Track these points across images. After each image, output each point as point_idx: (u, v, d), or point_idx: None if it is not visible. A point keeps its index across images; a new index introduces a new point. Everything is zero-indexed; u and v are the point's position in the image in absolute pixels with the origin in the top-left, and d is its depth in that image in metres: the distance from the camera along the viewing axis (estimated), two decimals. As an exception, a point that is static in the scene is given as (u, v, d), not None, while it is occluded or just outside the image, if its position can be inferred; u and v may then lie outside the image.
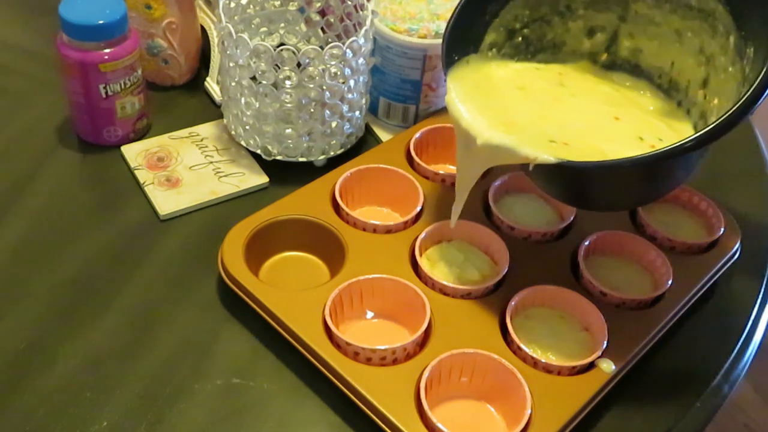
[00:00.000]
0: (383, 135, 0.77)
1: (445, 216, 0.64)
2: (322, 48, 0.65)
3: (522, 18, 0.66)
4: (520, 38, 0.67)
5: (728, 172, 0.80)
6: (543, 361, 0.55)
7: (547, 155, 0.54)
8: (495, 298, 0.60)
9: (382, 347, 0.55)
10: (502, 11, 0.65)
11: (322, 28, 0.77)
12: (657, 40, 0.65)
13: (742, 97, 0.51)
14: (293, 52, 0.64)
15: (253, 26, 0.77)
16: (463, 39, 0.64)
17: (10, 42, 0.87)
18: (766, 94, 0.51)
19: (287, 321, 0.56)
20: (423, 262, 0.61)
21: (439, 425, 0.50)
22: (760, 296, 0.67)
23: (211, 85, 0.80)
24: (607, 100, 0.65)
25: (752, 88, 0.51)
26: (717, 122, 0.50)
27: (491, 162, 0.59)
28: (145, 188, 0.69)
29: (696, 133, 0.51)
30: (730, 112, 0.50)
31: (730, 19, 0.58)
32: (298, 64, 0.65)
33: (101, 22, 0.67)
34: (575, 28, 0.67)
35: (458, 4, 0.64)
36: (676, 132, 0.62)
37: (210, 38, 0.82)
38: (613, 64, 0.68)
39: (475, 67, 0.65)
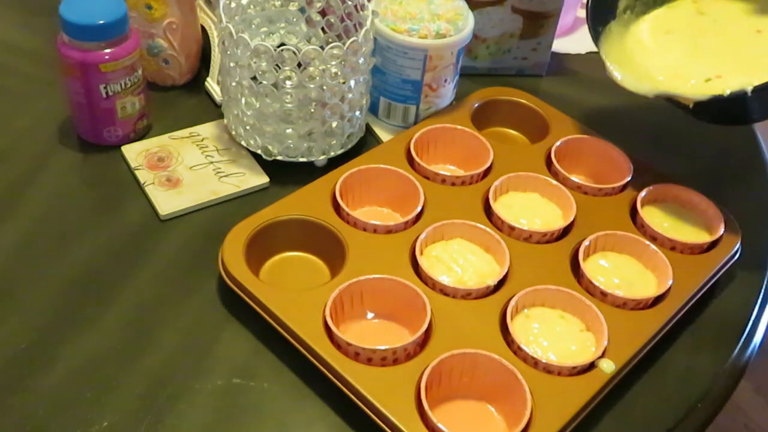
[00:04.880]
0: (383, 135, 0.77)
1: (445, 216, 0.65)
2: (322, 48, 0.65)
3: None
4: None
5: (728, 172, 0.80)
6: (543, 361, 0.55)
7: (702, 94, 0.64)
8: (495, 298, 0.60)
9: (383, 347, 0.55)
10: None
11: (322, 28, 0.77)
12: None
13: None
14: (294, 52, 0.64)
15: (253, 26, 0.77)
16: (602, 11, 0.73)
17: (10, 42, 0.87)
18: None
19: (287, 321, 0.56)
20: (423, 262, 0.61)
21: (440, 425, 0.50)
22: (760, 296, 0.67)
23: (212, 85, 0.80)
24: (746, 14, 0.71)
25: None
26: None
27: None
28: (146, 188, 0.69)
29: None
30: None
31: None
32: (299, 64, 0.65)
33: (101, 22, 0.67)
34: None
35: None
36: None
37: (210, 38, 0.82)
38: None
39: (618, 33, 0.72)
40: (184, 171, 0.71)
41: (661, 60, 0.71)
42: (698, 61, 0.69)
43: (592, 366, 0.56)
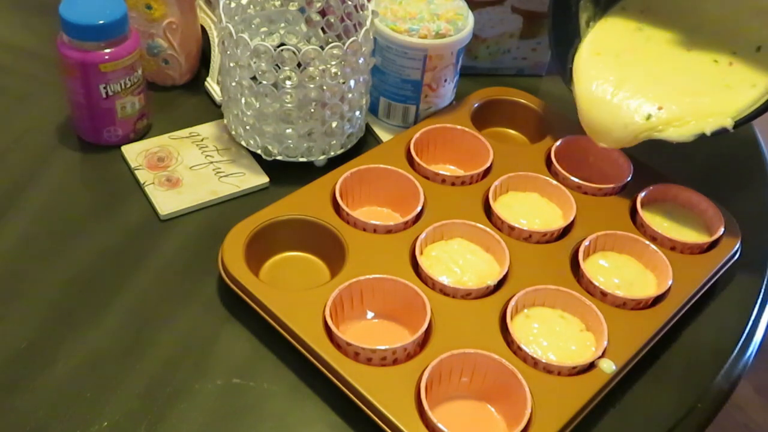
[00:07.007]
0: (383, 135, 0.77)
1: (445, 216, 0.64)
2: (322, 48, 0.65)
3: None
4: None
5: (728, 172, 0.80)
6: (543, 361, 0.55)
7: (687, 135, 0.66)
8: (495, 298, 0.60)
9: (383, 347, 0.55)
10: None
11: (322, 28, 0.77)
12: None
13: None
14: (294, 52, 0.64)
15: (253, 26, 0.77)
16: (567, 43, 0.71)
17: (10, 42, 0.87)
18: None
19: (287, 321, 0.56)
20: (423, 262, 0.61)
21: (440, 425, 0.50)
22: (760, 296, 0.67)
23: (212, 85, 0.80)
24: (683, 27, 0.70)
25: None
26: None
27: None
28: (146, 188, 0.69)
29: None
30: None
31: None
32: (299, 64, 0.65)
33: (101, 22, 0.67)
34: None
35: (549, 23, 0.70)
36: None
37: (210, 38, 0.82)
38: None
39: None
40: (184, 171, 0.71)
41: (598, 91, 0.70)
42: (634, 89, 0.68)
43: (592, 366, 0.56)
